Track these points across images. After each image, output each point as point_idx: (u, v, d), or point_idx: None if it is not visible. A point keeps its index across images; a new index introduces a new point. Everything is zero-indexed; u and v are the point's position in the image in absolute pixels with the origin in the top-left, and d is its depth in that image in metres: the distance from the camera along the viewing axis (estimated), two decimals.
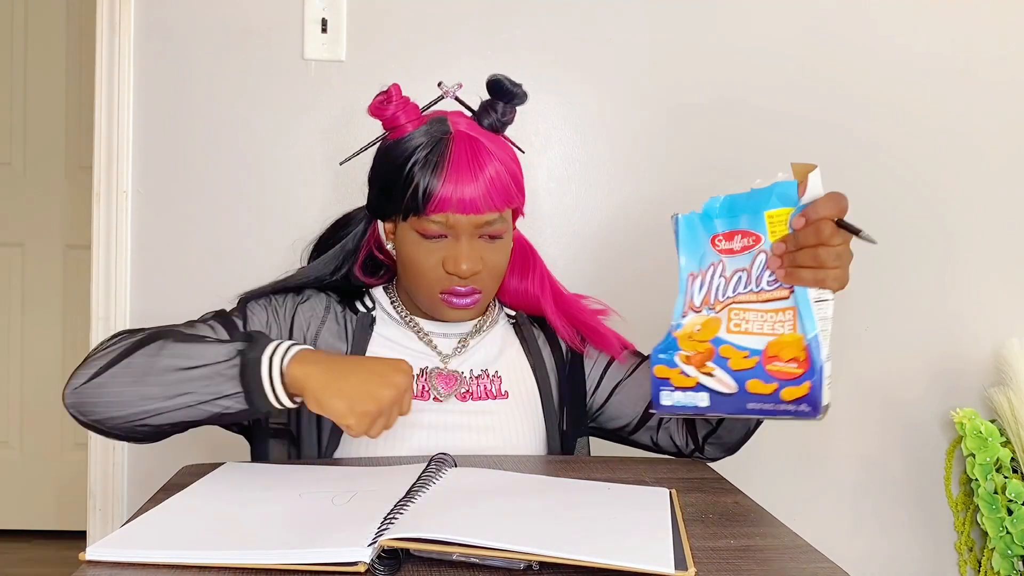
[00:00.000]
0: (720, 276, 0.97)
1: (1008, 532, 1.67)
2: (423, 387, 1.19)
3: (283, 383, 0.95)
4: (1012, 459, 1.70)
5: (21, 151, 2.84)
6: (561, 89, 1.78)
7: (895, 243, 1.82)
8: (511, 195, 1.16)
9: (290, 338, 1.19)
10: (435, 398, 1.19)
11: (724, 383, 0.97)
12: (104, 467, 1.74)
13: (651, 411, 1.02)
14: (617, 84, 1.78)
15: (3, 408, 2.87)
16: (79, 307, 2.77)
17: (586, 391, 1.29)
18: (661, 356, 0.99)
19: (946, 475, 1.85)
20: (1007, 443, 1.71)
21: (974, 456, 1.69)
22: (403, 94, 1.16)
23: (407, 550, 0.73)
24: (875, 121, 1.82)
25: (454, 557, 0.73)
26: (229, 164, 1.73)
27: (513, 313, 1.32)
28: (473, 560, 0.72)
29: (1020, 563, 1.68)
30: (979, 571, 1.77)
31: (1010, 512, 1.66)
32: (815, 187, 0.95)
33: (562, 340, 1.29)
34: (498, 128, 1.19)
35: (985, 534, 1.72)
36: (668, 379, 0.99)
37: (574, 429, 1.28)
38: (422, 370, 1.20)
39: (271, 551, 0.73)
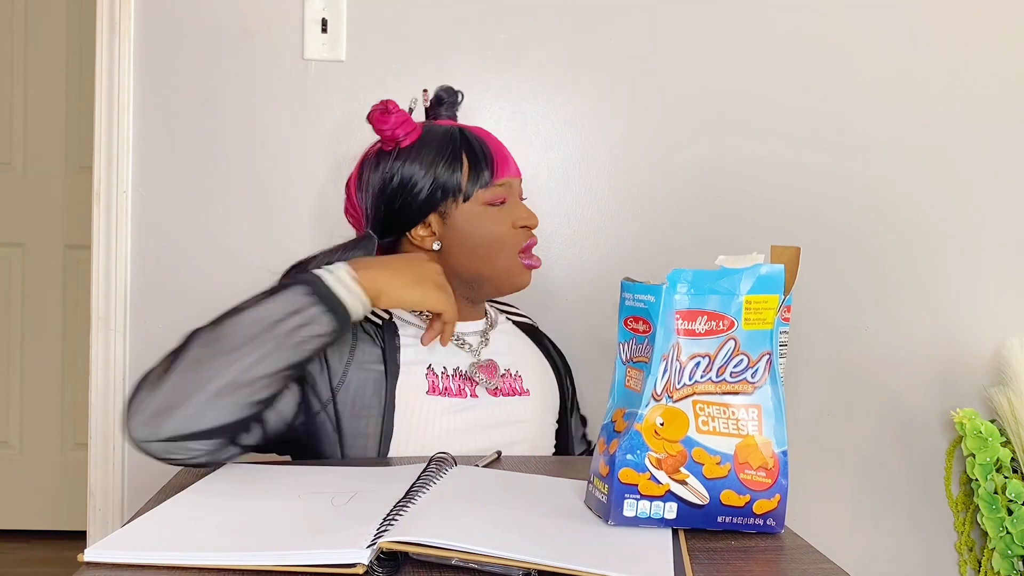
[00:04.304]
0: (676, 360, 0.85)
1: (1008, 532, 1.67)
2: (459, 386, 1.19)
3: (359, 286, 1.04)
4: (1012, 459, 1.70)
5: (21, 151, 2.84)
6: (561, 89, 1.78)
7: (895, 243, 1.82)
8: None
9: (329, 369, 1.17)
10: (472, 393, 1.20)
11: (697, 493, 0.84)
12: (104, 467, 1.74)
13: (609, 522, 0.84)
14: (617, 84, 1.78)
15: (3, 408, 2.87)
16: (79, 307, 2.77)
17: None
18: (628, 458, 0.83)
19: (946, 475, 1.85)
20: (1007, 443, 1.71)
21: (974, 456, 1.69)
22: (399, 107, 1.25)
23: (406, 552, 0.73)
24: (876, 122, 1.82)
25: (453, 561, 0.73)
26: (229, 164, 1.73)
27: (526, 318, 1.37)
28: (472, 565, 0.72)
29: (1020, 563, 1.68)
30: (979, 571, 1.77)
31: (1010, 512, 1.66)
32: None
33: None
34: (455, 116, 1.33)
35: (985, 534, 1.72)
36: (635, 486, 0.83)
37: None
38: (456, 370, 1.20)
39: (269, 552, 0.73)
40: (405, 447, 1.15)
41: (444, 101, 1.31)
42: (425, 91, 1.31)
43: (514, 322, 1.35)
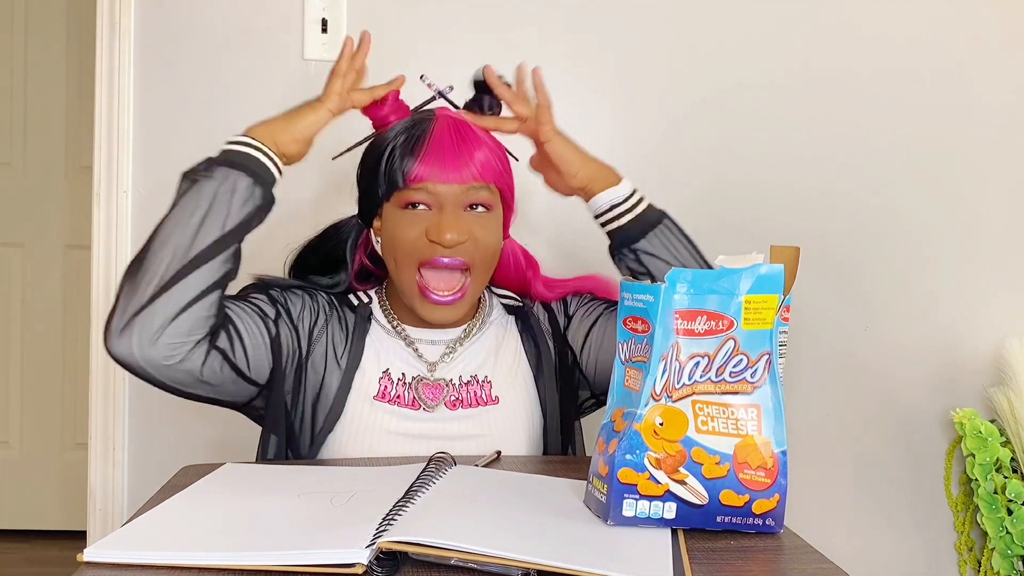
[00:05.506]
0: (675, 359, 0.84)
1: (1008, 532, 1.67)
2: (413, 397, 1.17)
3: (258, 145, 1.12)
4: (1012, 459, 1.70)
5: (21, 151, 2.84)
6: (561, 89, 1.77)
7: (895, 243, 1.82)
8: (497, 171, 1.16)
9: (295, 326, 1.18)
10: (424, 408, 1.17)
11: (696, 493, 0.83)
12: (104, 467, 1.74)
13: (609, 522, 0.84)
14: (617, 84, 1.78)
15: (3, 408, 2.87)
16: (79, 307, 2.77)
17: (575, 363, 1.26)
18: (628, 457, 0.83)
19: (946, 475, 1.85)
20: (1007, 443, 1.71)
21: (974, 456, 1.69)
22: (399, 98, 1.20)
23: (405, 552, 0.73)
24: (877, 121, 1.82)
25: (452, 561, 0.73)
26: None
27: (518, 303, 1.27)
28: (471, 565, 0.72)
29: (1020, 563, 1.68)
30: (979, 571, 1.77)
31: (1010, 512, 1.66)
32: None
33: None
34: None
35: (985, 534, 1.72)
36: (634, 486, 0.83)
37: (575, 410, 1.27)
38: (413, 378, 1.18)
39: (269, 552, 0.73)
40: (341, 448, 1.15)
41: (475, 106, 1.23)
42: (451, 87, 1.27)
43: (507, 308, 1.26)
